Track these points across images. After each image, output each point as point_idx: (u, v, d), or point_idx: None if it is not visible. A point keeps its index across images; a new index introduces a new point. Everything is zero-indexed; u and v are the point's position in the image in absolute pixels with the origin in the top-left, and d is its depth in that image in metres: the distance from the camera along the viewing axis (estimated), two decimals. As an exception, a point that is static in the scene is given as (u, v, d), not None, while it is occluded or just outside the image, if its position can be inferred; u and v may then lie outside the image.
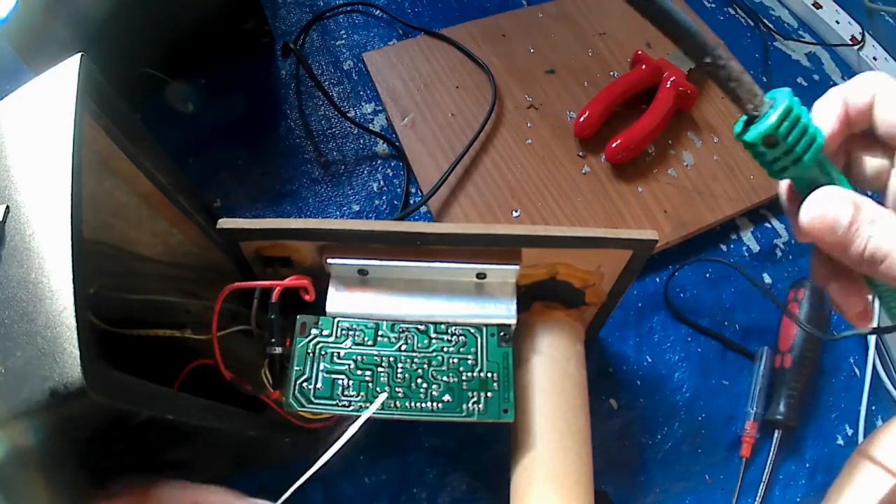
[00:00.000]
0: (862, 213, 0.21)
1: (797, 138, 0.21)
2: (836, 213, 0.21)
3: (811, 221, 0.22)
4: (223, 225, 0.33)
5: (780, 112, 0.21)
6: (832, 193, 0.22)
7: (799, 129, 0.21)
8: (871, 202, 0.21)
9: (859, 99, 0.23)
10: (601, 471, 0.38)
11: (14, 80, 0.26)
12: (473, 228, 0.33)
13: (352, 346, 0.34)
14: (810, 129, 0.21)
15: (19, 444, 0.20)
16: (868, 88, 0.23)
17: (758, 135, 0.21)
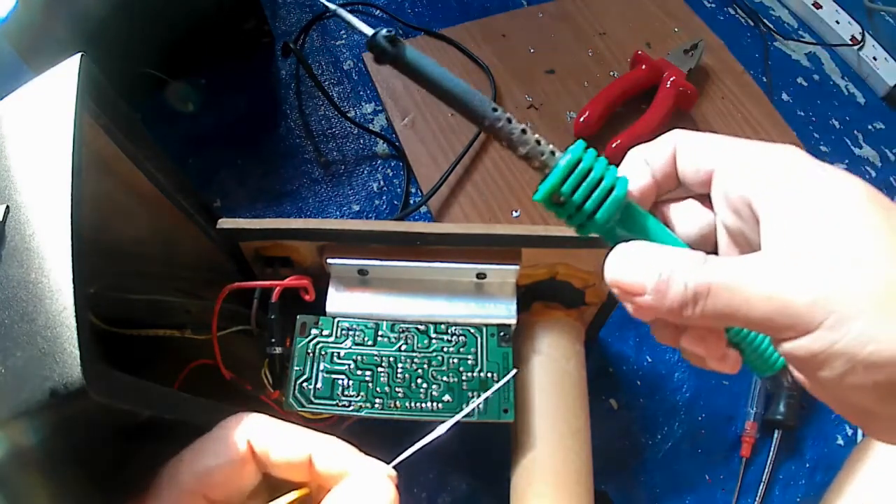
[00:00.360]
0: (670, 259, 0.18)
1: (586, 194, 0.20)
2: (634, 269, 0.19)
3: (614, 284, 0.19)
4: (223, 225, 0.33)
5: (563, 167, 0.20)
6: (626, 249, 0.19)
7: (588, 184, 0.20)
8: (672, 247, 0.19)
9: (659, 151, 0.21)
10: (601, 471, 0.38)
11: (14, 80, 0.26)
12: (473, 228, 0.33)
13: (352, 346, 0.34)
14: (606, 183, 0.20)
15: (19, 444, 0.20)
16: (666, 142, 0.22)
17: (542, 194, 0.20)
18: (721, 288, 0.17)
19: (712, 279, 0.17)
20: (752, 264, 0.17)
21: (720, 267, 0.18)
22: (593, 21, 0.64)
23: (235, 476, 0.22)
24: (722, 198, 0.20)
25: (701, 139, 0.21)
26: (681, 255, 0.19)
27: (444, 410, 0.33)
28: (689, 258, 0.18)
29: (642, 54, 0.58)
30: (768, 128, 0.58)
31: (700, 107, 0.59)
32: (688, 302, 0.18)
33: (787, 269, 0.16)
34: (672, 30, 0.64)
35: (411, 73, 0.19)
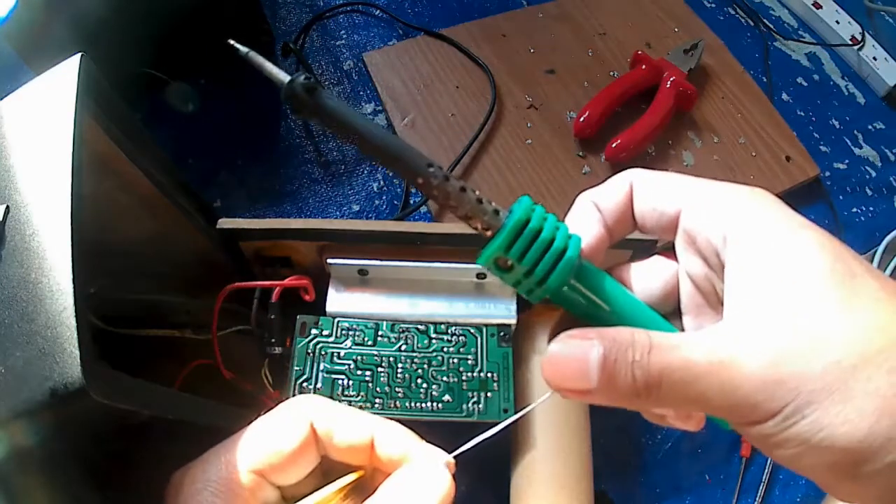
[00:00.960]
0: (614, 344, 0.17)
1: (536, 258, 0.18)
2: (574, 368, 0.17)
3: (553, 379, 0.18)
4: (223, 225, 0.33)
5: (510, 228, 0.17)
6: (559, 348, 0.18)
7: (538, 246, 0.18)
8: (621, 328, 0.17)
9: (612, 192, 0.20)
10: (601, 471, 0.38)
11: (14, 80, 0.26)
12: (473, 228, 0.33)
13: (352, 346, 0.34)
14: (557, 244, 0.18)
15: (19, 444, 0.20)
16: (622, 181, 0.20)
17: (486, 257, 0.18)
18: (674, 380, 0.16)
19: (662, 368, 0.16)
20: (705, 349, 0.16)
21: (669, 353, 0.16)
22: (593, 21, 0.64)
23: (300, 457, 0.22)
24: (687, 241, 0.19)
25: (661, 178, 0.20)
26: (622, 343, 0.17)
27: (444, 410, 0.33)
28: (635, 344, 0.17)
29: (642, 54, 0.58)
30: (768, 128, 0.58)
31: (700, 107, 0.59)
32: (640, 393, 0.17)
33: (743, 356, 0.16)
34: (672, 30, 0.64)
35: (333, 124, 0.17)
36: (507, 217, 0.18)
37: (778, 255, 0.16)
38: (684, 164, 0.56)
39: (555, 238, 0.18)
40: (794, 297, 0.16)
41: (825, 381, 0.15)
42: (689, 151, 0.56)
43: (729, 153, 0.57)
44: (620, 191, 0.20)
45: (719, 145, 0.57)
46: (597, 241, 0.20)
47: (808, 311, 0.15)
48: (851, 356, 0.15)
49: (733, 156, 0.56)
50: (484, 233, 0.18)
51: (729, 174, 0.55)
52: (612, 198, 0.20)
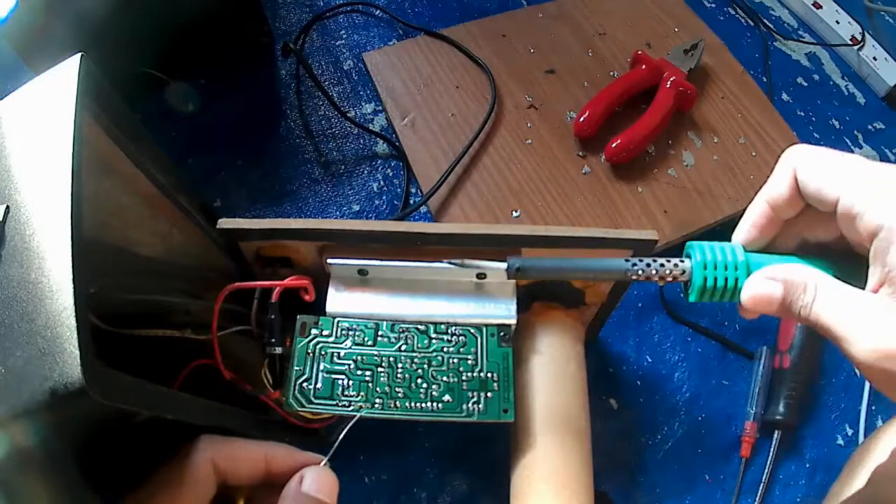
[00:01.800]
0: (792, 285, 0.23)
1: (724, 279, 0.25)
2: (768, 292, 0.24)
3: (749, 302, 0.24)
4: (223, 225, 0.33)
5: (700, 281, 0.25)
6: (761, 276, 0.24)
7: (720, 271, 0.25)
8: (803, 269, 0.24)
9: (781, 189, 0.25)
10: (601, 471, 0.38)
11: (14, 80, 0.26)
12: (473, 228, 0.33)
13: (352, 346, 0.34)
14: (730, 262, 0.25)
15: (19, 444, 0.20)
16: (786, 172, 0.25)
17: (695, 296, 0.26)
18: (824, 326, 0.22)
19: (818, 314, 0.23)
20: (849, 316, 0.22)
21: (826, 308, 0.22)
22: (593, 21, 0.64)
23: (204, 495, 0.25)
24: (846, 219, 0.23)
25: (823, 164, 0.24)
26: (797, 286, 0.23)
27: (444, 410, 0.33)
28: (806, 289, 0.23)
29: (642, 54, 0.58)
30: (768, 128, 0.58)
31: (700, 107, 0.59)
32: (802, 322, 0.23)
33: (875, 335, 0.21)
34: (672, 30, 0.64)
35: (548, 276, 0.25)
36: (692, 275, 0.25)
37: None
38: (684, 164, 0.56)
39: (727, 279, 0.25)
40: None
41: None
42: (689, 151, 0.56)
43: (729, 153, 0.57)
44: (785, 182, 0.25)
45: (719, 145, 0.57)
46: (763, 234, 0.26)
47: None
48: None
49: (733, 156, 0.56)
50: (681, 280, 0.26)
51: (729, 174, 0.55)
52: (780, 187, 0.25)
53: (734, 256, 0.25)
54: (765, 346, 0.49)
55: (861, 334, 0.21)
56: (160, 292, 0.32)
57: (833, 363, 0.50)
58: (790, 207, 0.25)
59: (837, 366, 0.50)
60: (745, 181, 0.55)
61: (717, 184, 0.55)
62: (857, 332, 0.21)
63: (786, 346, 0.48)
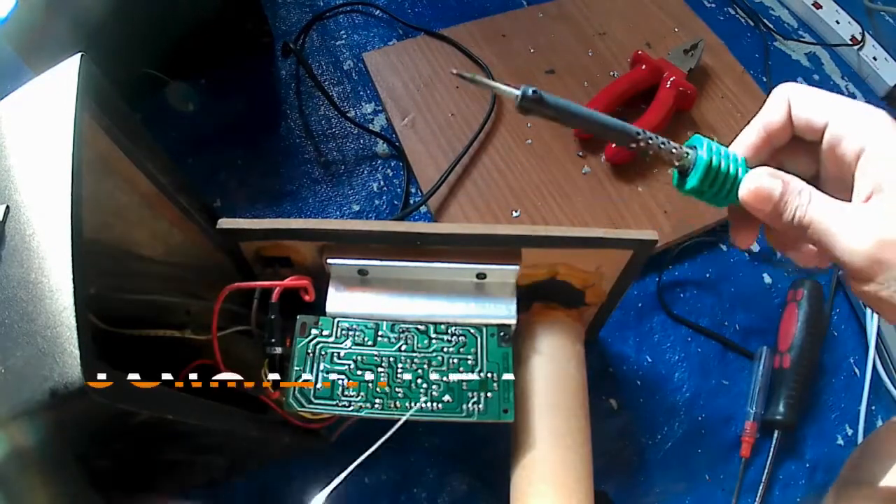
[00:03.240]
0: (790, 186, 0.25)
1: (724, 178, 0.25)
2: (769, 187, 0.25)
3: (748, 194, 0.25)
4: (223, 225, 0.33)
5: (704, 166, 0.25)
6: (764, 171, 0.25)
7: (722, 171, 0.25)
8: (798, 179, 0.25)
9: (775, 115, 0.26)
10: (601, 471, 0.38)
11: (14, 80, 0.26)
12: (474, 229, 0.33)
13: (352, 347, 0.34)
14: (732, 168, 0.25)
15: (19, 444, 0.20)
16: (781, 101, 0.26)
17: (692, 186, 0.26)
18: (818, 228, 0.24)
19: (813, 217, 0.24)
20: (842, 220, 0.24)
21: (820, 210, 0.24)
22: (593, 21, 0.64)
23: None
24: (830, 145, 0.25)
25: (812, 95, 0.26)
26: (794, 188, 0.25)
27: (444, 410, 0.33)
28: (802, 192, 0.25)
29: (642, 54, 0.58)
30: (768, 128, 0.58)
31: (700, 107, 0.59)
32: (794, 226, 0.25)
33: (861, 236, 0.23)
34: (672, 30, 0.64)
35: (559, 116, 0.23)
36: (697, 156, 0.26)
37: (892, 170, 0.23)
38: (684, 164, 0.56)
39: (731, 166, 0.26)
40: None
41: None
42: (689, 151, 0.56)
43: (729, 153, 0.57)
44: (780, 111, 0.26)
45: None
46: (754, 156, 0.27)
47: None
48: None
49: (733, 156, 0.56)
50: (682, 168, 0.26)
51: (729, 174, 0.55)
52: (775, 114, 0.26)
53: (736, 162, 0.26)
54: (765, 346, 0.49)
55: (856, 231, 0.23)
56: (160, 292, 0.32)
57: (833, 363, 0.50)
58: (781, 134, 0.27)
59: (837, 366, 0.50)
60: (745, 181, 0.55)
61: (717, 184, 0.55)
62: (852, 229, 0.23)
63: (786, 346, 0.48)
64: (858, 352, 0.51)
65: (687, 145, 0.26)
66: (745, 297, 0.52)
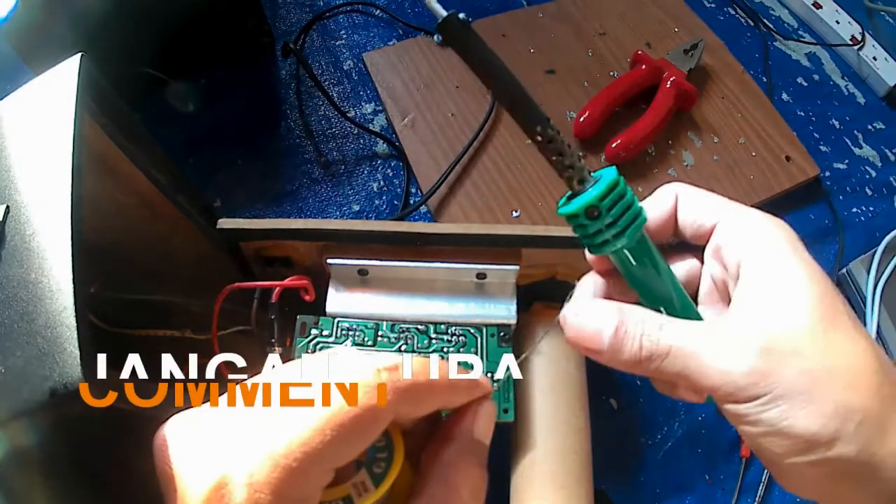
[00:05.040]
0: (626, 316, 0.21)
1: (621, 212, 0.21)
2: (598, 324, 0.21)
3: (575, 335, 0.22)
4: (223, 225, 0.33)
5: (606, 185, 0.21)
6: (590, 304, 0.22)
7: (623, 203, 0.21)
8: (639, 308, 0.22)
9: (662, 208, 0.24)
10: (601, 471, 0.38)
11: (14, 80, 0.26)
12: (473, 229, 0.33)
13: (352, 347, 0.34)
14: (635, 206, 0.21)
15: (19, 444, 0.20)
16: (668, 194, 0.24)
17: (581, 205, 0.21)
18: (681, 354, 0.20)
19: (671, 343, 0.20)
20: (713, 337, 0.20)
21: (679, 333, 0.21)
22: (593, 21, 0.64)
23: None
24: (715, 251, 0.23)
25: (702, 197, 0.24)
26: (635, 318, 0.21)
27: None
28: (646, 321, 0.21)
29: (642, 54, 0.58)
30: (768, 128, 0.58)
31: (700, 107, 0.59)
32: (641, 360, 0.21)
33: (740, 350, 0.20)
34: (672, 30, 0.64)
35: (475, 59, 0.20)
36: (602, 178, 0.21)
37: (780, 280, 0.20)
38: (684, 163, 0.56)
39: (633, 202, 0.21)
40: (786, 314, 0.20)
41: (797, 383, 0.19)
42: (689, 151, 0.56)
43: (729, 153, 0.57)
44: (666, 204, 0.24)
45: (719, 145, 0.57)
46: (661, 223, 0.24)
47: (795, 327, 0.19)
48: (820, 370, 0.19)
49: (733, 156, 0.56)
50: (577, 186, 0.21)
51: (729, 174, 0.55)
52: (659, 209, 0.24)
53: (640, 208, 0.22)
54: (765, 346, 0.49)
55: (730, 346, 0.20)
56: (160, 292, 0.32)
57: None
58: (663, 228, 0.24)
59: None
60: (745, 181, 0.55)
61: (717, 184, 0.55)
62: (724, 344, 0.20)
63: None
64: (858, 352, 0.51)
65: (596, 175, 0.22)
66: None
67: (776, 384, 0.19)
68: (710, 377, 0.20)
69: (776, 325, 0.20)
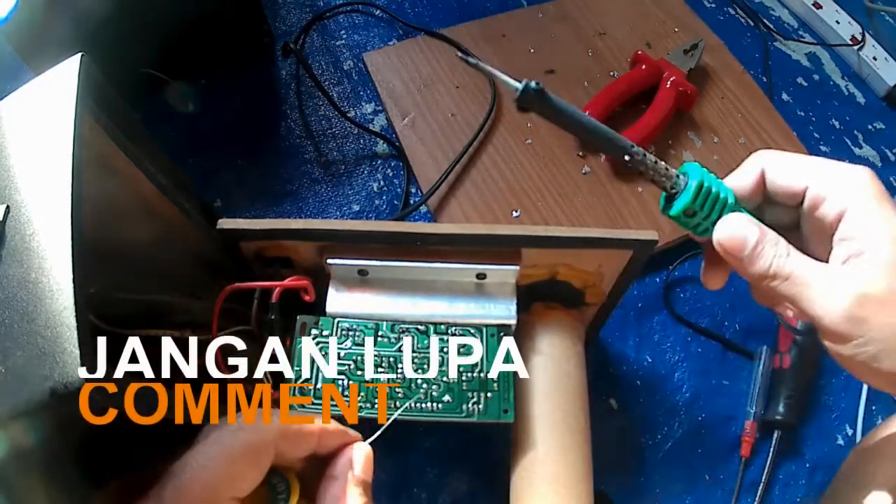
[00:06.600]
0: (767, 236, 0.25)
1: (711, 206, 0.25)
2: (745, 234, 0.25)
3: (723, 240, 0.25)
4: (223, 225, 0.33)
5: (694, 188, 0.25)
6: (742, 218, 0.25)
7: (712, 198, 0.25)
8: (775, 232, 0.25)
9: (746, 180, 0.26)
10: (601, 471, 0.38)
11: (14, 80, 0.26)
12: (474, 229, 0.33)
13: (352, 347, 0.34)
14: (721, 196, 0.25)
15: (19, 444, 0.20)
16: (754, 168, 0.26)
17: (680, 209, 0.25)
18: (797, 282, 0.24)
19: (792, 269, 0.24)
20: (822, 276, 0.24)
21: (800, 265, 0.24)
22: (593, 21, 0.64)
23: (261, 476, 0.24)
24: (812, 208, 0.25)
25: (791, 163, 0.26)
26: (772, 238, 0.25)
27: (444, 411, 0.33)
28: (779, 243, 0.25)
29: (642, 54, 0.58)
30: (768, 128, 0.58)
31: (700, 107, 0.59)
32: (766, 276, 0.25)
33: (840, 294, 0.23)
34: (672, 30, 0.64)
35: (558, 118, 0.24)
36: (689, 177, 0.25)
37: (871, 238, 0.23)
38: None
39: (720, 192, 0.25)
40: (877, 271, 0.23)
41: (885, 333, 0.22)
42: (689, 151, 0.56)
43: (729, 153, 0.57)
44: (752, 174, 0.26)
45: (719, 145, 0.57)
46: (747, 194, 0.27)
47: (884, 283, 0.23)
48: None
49: (733, 156, 0.56)
50: (670, 191, 0.25)
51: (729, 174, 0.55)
52: (746, 181, 0.26)
53: (725, 189, 0.26)
54: (765, 346, 0.49)
55: (833, 292, 0.23)
56: (160, 292, 0.32)
57: (833, 363, 0.50)
58: (749, 196, 0.27)
59: (837, 366, 0.50)
60: (745, 181, 0.55)
61: (717, 184, 0.55)
62: (829, 289, 0.23)
63: (786, 346, 0.48)
64: (858, 352, 0.51)
65: (681, 171, 0.26)
66: (745, 297, 0.51)
67: (868, 330, 0.22)
68: (814, 310, 0.23)
69: (868, 279, 0.23)
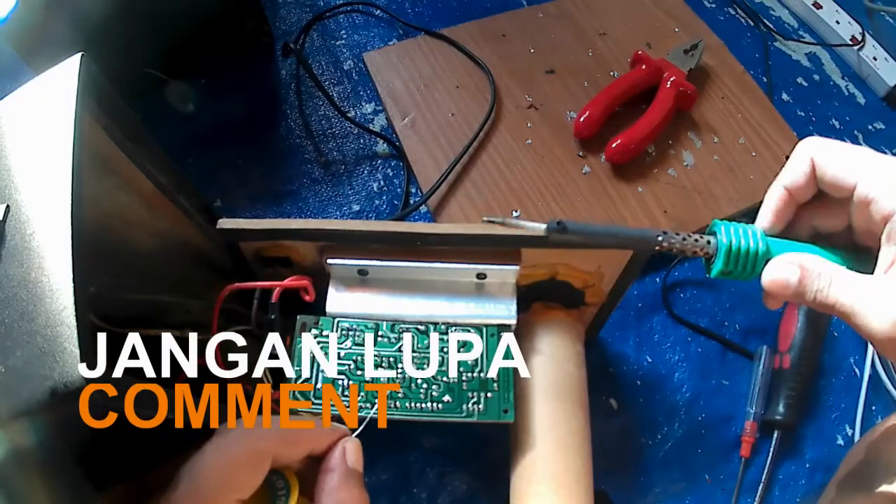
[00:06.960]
0: (808, 271, 0.26)
1: (744, 263, 0.27)
2: (786, 277, 0.26)
3: (768, 285, 0.27)
4: (223, 225, 0.33)
5: (724, 255, 0.27)
6: (783, 260, 0.27)
7: (742, 256, 0.27)
8: (818, 259, 0.26)
9: (798, 175, 0.27)
10: (601, 471, 0.38)
11: (14, 80, 0.26)
12: (474, 229, 0.33)
13: (352, 347, 0.34)
14: (752, 250, 0.27)
15: (19, 443, 0.20)
16: (804, 159, 0.27)
17: (717, 272, 0.27)
18: (843, 308, 0.25)
19: (835, 300, 0.25)
20: (867, 296, 0.24)
21: (843, 291, 0.25)
22: (593, 21, 0.64)
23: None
24: (862, 206, 0.25)
25: (841, 154, 0.26)
26: (812, 272, 0.26)
27: (444, 411, 0.33)
28: (821, 275, 0.25)
29: (642, 54, 0.58)
30: (768, 128, 0.58)
31: (700, 107, 0.59)
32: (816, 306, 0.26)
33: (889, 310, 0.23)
34: (672, 30, 0.64)
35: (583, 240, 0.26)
36: (718, 242, 0.27)
37: None
38: (684, 164, 0.56)
39: (750, 246, 0.27)
40: None
41: None
42: (689, 151, 0.56)
43: (729, 153, 0.57)
44: (802, 168, 0.27)
45: (719, 145, 0.57)
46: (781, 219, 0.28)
47: None
48: None
49: (733, 156, 0.56)
50: (706, 257, 0.28)
51: (729, 174, 0.55)
52: (798, 174, 0.27)
53: (756, 239, 0.27)
54: (765, 346, 0.49)
55: (879, 308, 0.23)
56: (160, 292, 0.32)
57: (833, 363, 0.50)
58: (805, 192, 0.27)
59: (837, 366, 0.50)
60: (745, 181, 0.55)
61: (717, 184, 0.55)
62: (875, 307, 0.23)
63: (786, 346, 0.48)
64: (858, 352, 0.51)
65: (708, 232, 0.28)
66: (745, 297, 0.52)
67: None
68: (865, 329, 0.24)
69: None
